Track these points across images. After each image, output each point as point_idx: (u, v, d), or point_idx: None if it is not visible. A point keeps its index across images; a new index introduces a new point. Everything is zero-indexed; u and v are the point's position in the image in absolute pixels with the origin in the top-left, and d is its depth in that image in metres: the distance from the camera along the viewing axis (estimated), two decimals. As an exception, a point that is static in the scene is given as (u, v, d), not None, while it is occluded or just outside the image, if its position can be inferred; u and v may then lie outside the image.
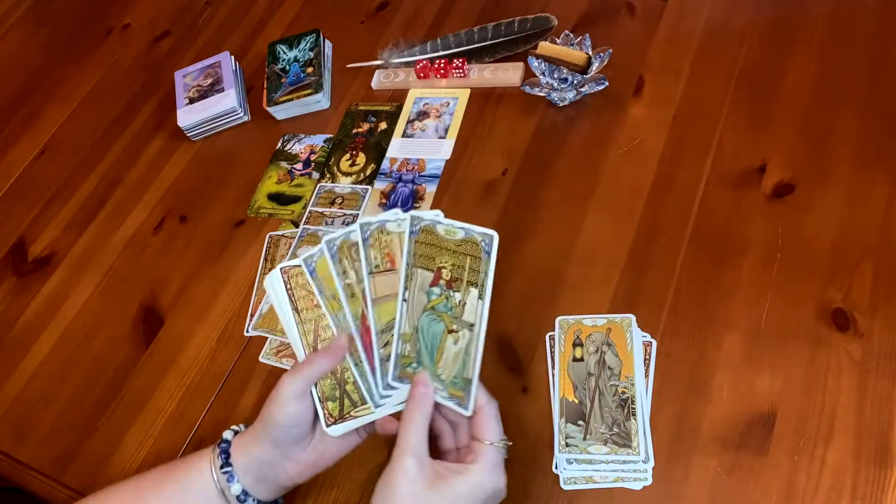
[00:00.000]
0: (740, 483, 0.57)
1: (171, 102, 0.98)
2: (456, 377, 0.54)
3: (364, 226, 0.56)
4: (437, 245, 0.54)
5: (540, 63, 0.79)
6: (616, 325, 0.65)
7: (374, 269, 0.56)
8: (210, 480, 0.57)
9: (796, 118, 0.74)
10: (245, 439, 0.58)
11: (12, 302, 0.88)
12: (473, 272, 0.54)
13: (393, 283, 0.56)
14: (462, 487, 0.52)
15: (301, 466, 0.58)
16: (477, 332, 0.53)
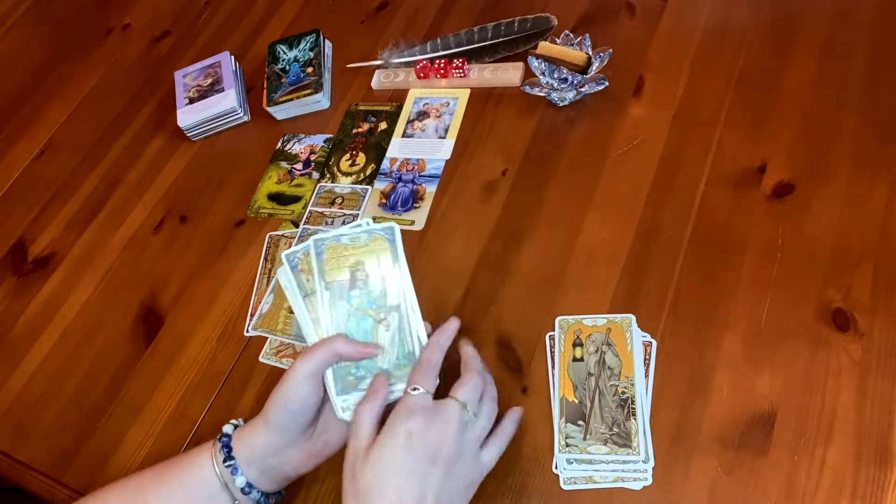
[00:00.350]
0: (740, 483, 0.57)
1: (171, 102, 0.98)
2: (398, 358, 0.57)
3: (318, 241, 0.58)
4: (344, 255, 0.58)
5: (540, 63, 0.79)
6: (616, 325, 0.66)
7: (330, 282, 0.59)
8: (211, 474, 0.57)
9: (796, 118, 0.74)
10: (247, 431, 0.59)
11: (12, 302, 0.88)
12: (386, 262, 0.58)
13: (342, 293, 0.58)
14: (380, 443, 0.53)
15: (304, 456, 0.58)
16: (405, 307, 0.56)
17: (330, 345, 0.57)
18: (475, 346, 0.62)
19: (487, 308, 0.71)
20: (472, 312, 0.71)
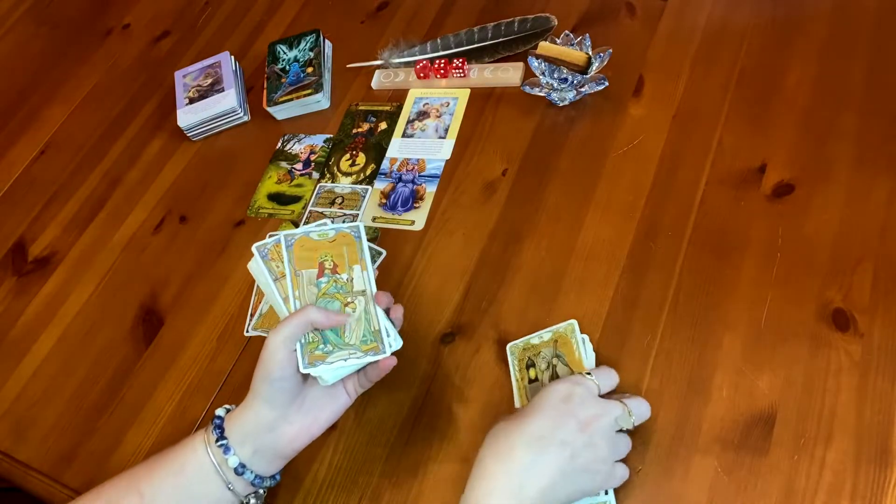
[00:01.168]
0: (740, 483, 0.57)
1: (171, 102, 0.98)
2: (364, 335, 0.61)
3: (288, 235, 0.64)
4: (314, 248, 0.64)
5: (540, 63, 0.79)
6: (561, 334, 0.66)
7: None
8: (205, 457, 0.58)
9: (796, 118, 0.74)
10: (237, 412, 0.60)
11: (12, 302, 0.88)
12: (353, 255, 0.64)
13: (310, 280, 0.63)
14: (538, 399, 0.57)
15: (297, 428, 0.59)
16: (369, 292, 0.62)
17: (302, 313, 0.58)
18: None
19: (487, 308, 0.71)
20: (472, 312, 0.71)
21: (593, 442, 0.55)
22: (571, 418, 0.55)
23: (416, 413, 0.67)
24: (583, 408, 0.56)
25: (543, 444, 0.54)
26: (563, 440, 0.54)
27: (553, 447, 0.54)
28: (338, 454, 0.67)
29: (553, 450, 0.54)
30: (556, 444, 0.54)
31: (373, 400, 0.69)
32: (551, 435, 0.54)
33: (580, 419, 0.55)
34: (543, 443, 0.54)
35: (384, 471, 0.65)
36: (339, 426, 0.68)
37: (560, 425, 0.55)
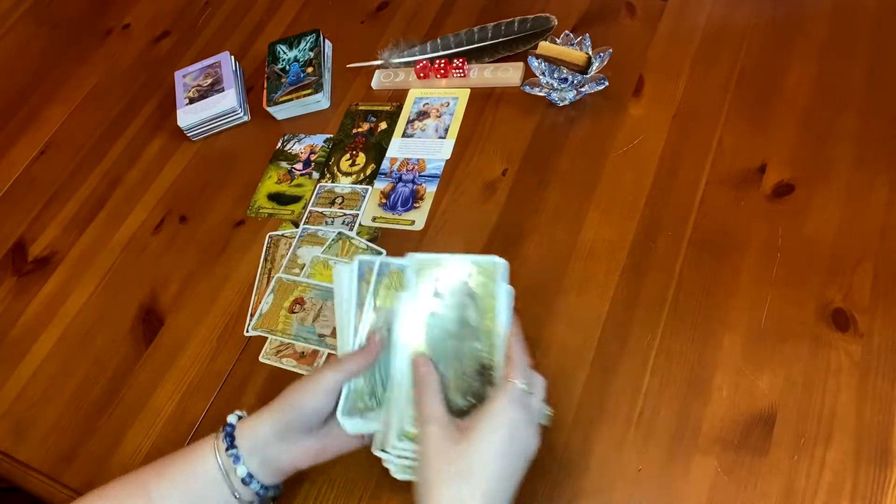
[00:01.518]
0: (740, 483, 0.57)
1: (171, 102, 0.98)
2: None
3: (402, 266, 0.59)
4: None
5: (540, 63, 0.79)
6: (485, 270, 0.57)
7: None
8: (213, 465, 0.57)
9: (796, 118, 0.74)
10: (252, 422, 0.59)
11: (12, 302, 0.88)
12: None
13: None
14: (485, 429, 0.52)
15: (302, 453, 0.59)
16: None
17: (356, 358, 0.58)
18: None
19: (487, 308, 0.71)
20: (472, 312, 0.71)
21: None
22: (521, 457, 0.54)
23: (416, 413, 0.67)
24: (525, 434, 0.54)
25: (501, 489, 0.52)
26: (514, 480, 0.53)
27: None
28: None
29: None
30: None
31: (373, 400, 0.69)
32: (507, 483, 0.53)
33: (523, 450, 0.54)
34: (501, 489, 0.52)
35: (384, 471, 0.65)
36: (339, 426, 0.68)
37: (513, 470, 0.53)
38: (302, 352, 0.73)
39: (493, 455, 0.52)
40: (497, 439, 0.52)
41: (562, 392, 0.65)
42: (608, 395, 0.64)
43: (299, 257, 0.80)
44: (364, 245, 0.79)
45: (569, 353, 0.66)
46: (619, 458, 0.61)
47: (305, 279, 0.78)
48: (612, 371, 0.65)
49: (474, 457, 0.52)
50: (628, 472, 0.60)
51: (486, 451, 0.52)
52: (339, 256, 0.79)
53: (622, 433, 0.62)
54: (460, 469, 0.52)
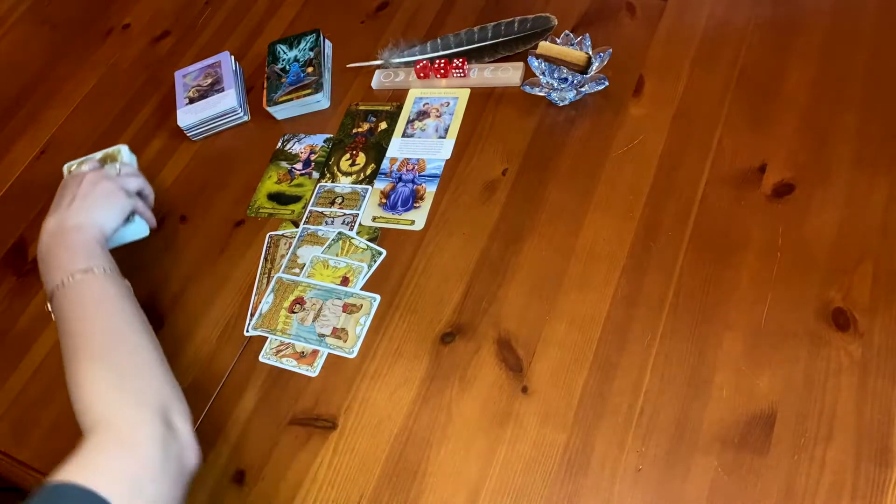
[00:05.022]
0: (740, 483, 0.57)
1: (171, 102, 0.98)
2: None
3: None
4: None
5: (540, 63, 0.79)
6: (110, 154, 0.87)
7: None
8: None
9: (796, 118, 0.74)
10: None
11: (12, 302, 0.88)
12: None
13: None
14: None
15: None
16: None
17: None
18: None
19: (487, 308, 0.71)
20: (472, 312, 0.71)
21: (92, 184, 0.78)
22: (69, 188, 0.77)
23: (415, 413, 0.67)
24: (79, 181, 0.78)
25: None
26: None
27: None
28: (338, 454, 0.67)
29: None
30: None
31: (373, 400, 0.69)
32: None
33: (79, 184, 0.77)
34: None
35: (384, 471, 0.65)
36: (338, 426, 0.68)
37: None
38: (302, 352, 0.73)
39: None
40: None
41: (562, 392, 0.65)
42: (608, 395, 0.64)
43: (299, 257, 0.80)
44: (364, 245, 0.79)
45: (569, 353, 0.66)
46: (619, 458, 0.61)
47: (305, 279, 0.78)
48: (612, 371, 0.65)
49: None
50: (628, 472, 0.60)
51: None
52: (340, 256, 0.79)
53: (622, 433, 0.62)
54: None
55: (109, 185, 0.79)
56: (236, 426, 0.71)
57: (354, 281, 0.76)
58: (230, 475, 0.69)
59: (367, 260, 0.78)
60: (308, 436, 0.69)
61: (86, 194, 0.76)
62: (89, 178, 0.78)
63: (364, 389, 0.70)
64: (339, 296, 0.76)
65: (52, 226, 0.74)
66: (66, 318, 0.66)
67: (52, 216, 0.75)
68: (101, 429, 0.58)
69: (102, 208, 0.76)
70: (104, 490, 0.53)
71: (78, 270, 0.68)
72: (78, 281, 0.67)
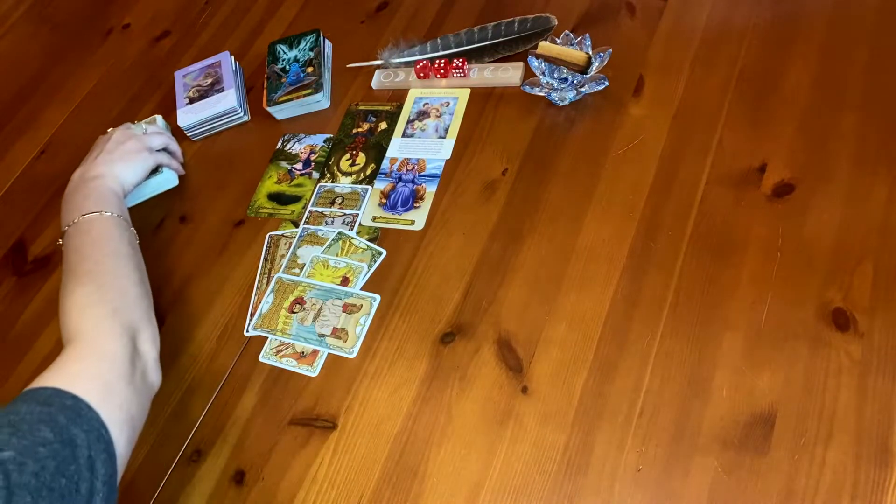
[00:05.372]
0: (740, 483, 0.57)
1: (171, 102, 0.98)
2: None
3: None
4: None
5: (540, 63, 0.79)
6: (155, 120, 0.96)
7: None
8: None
9: (796, 118, 0.74)
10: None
11: (12, 302, 0.88)
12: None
13: None
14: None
15: None
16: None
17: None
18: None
19: (487, 308, 0.71)
20: (472, 312, 0.71)
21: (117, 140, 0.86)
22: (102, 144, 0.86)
23: (415, 413, 0.67)
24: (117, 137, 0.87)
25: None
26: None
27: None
28: (338, 454, 0.67)
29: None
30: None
31: (373, 400, 0.69)
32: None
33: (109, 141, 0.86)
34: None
35: (384, 471, 0.65)
36: (338, 426, 0.68)
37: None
38: (302, 352, 0.73)
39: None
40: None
41: (562, 392, 0.65)
42: (608, 395, 0.64)
43: (299, 257, 0.80)
44: (364, 245, 0.79)
45: (569, 353, 0.66)
46: (619, 458, 0.61)
47: (305, 279, 0.78)
48: (612, 371, 0.65)
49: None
50: (628, 472, 0.60)
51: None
52: (340, 256, 0.79)
53: (622, 433, 0.62)
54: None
55: (134, 142, 0.86)
56: (236, 426, 0.71)
57: (354, 281, 0.76)
58: (230, 475, 0.69)
59: (367, 260, 0.78)
60: (308, 436, 0.69)
61: (111, 150, 0.84)
62: (117, 136, 0.86)
63: (364, 389, 0.70)
64: (339, 296, 0.76)
65: (77, 176, 0.83)
66: (68, 250, 0.73)
67: (80, 168, 0.84)
68: (77, 341, 0.63)
69: (124, 162, 0.84)
70: (80, 391, 0.57)
71: (89, 212, 0.76)
72: (86, 220, 0.75)
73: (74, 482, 0.51)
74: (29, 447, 0.50)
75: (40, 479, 0.49)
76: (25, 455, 0.50)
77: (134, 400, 0.62)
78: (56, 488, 0.50)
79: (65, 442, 0.52)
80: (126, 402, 0.60)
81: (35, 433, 0.51)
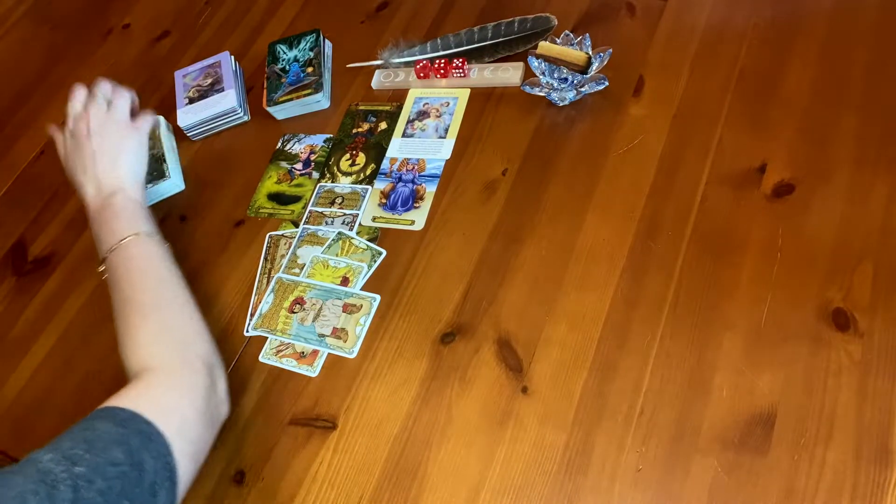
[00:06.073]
0: (740, 483, 0.57)
1: (171, 102, 0.98)
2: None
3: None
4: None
5: (540, 63, 0.79)
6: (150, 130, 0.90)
7: None
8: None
9: (796, 118, 0.74)
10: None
11: (12, 302, 0.88)
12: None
13: None
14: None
15: None
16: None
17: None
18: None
19: (487, 308, 0.71)
20: (472, 312, 0.71)
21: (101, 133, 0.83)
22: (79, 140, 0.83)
23: (415, 413, 0.67)
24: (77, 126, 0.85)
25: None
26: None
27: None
28: (338, 454, 0.67)
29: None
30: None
31: (373, 400, 0.69)
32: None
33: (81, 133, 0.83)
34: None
35: (384, 471, 0.65)
36: (338, 426, 0.68)
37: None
38: (302, 352, 0.73)
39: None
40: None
41: (562, 392, 0.65)
42: (608, 395, 0.64)
43: (299, 257, 0.80)
44: (364, 245, 0.79)
45: (569, 353, 0.66)
46: (619, 458, 0.61)
47: (305, 279, 0.78)
48: (612, 371, 0.65)
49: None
50: (628, 472, 0.60)
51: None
52: (340, 256, 0.79)
53: (622, 433, 0.62)
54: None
55: (113, 126, 0.84)
56: (236, 426, 0.71)
57: (354, 281, 0.76)
58: (230, 475, 0.69)
59: (367, 260, 0.78)
60: (308, 436, 0.69)
61: (102, 147, 0.81)
62: (93, 126, 0.83)
63: (364, 389, 0.70)
64: (339, 296, 0.76)
65: (93, 194, 0.80)
66: (116, 280, 0.73)
67: (88, 181, 0.81)
68: (149, 372, 0.63)
69: (127, 155, 0.82)
70: (158, 419, 0.58)
71: (123, 236, 0.74)
72: (124, 246, 0.74)
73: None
74: (100, 465, 0.52)
75: (105, 498, 0.51)
76: (96, 473, 0.52)
77: (205, 434, 0.63)
78: None
79: (134, 465, 0.54)
80: (198, 437, 0.62)
81: (108, 452, 0.53)
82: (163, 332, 0.68)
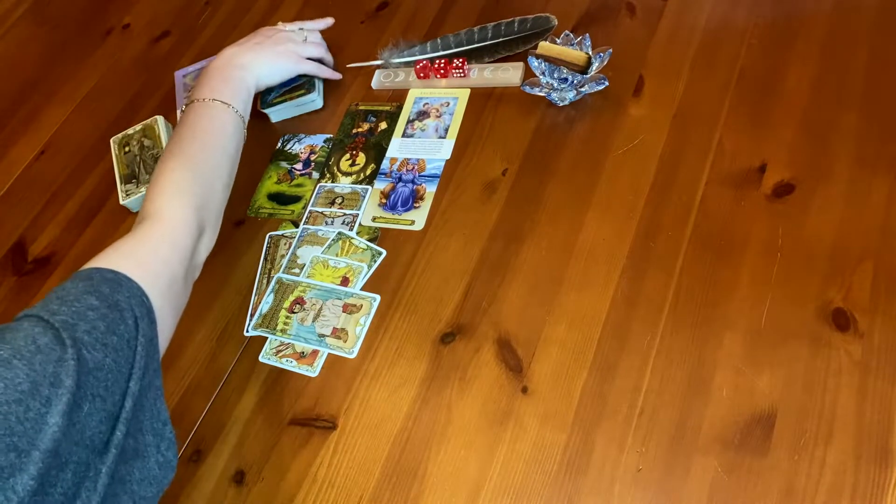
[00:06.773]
0: (740, 483, 0.57)
1: (171, 102, 0.98)
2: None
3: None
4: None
5: (540, 63, 0.79)
6: (148, 125, 0.92)
7: None
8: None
9: (796, 118, 0.74)
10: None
11: (12, 302, 0.88)
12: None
13: None
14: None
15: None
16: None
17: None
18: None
19: (487, 308, 0.71)
20: (472, 312, 0.71)
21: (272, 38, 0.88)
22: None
23: (415, 413, 0.67)
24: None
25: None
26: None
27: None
28: (338, 454, 0.67)
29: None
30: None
31: (373, 400, 0.69)
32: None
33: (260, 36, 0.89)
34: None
35: (384, 471, 0.65)
36: (338, 426, 0.68)
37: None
38: (302, 352, 0.74)
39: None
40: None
41: (562, 392, 0.65)
42: (608, 395, 0.64)
43: (299, 257, 0.80)
44: (364, 245, 0.79)
45: (569, 353, 0.66)
46: (619, 458, 0.61)
47: (305, 279, 0.78)
48: (612, 371, 0.65)
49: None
50: (628, 472, 0.60)
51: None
52: (340, 256, 0.79)
53: (622, 433, 0.62)
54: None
55: (290, 47, 0.90)
56: (236, 426, 0.71)
57: (354, 281, 0.76)
58: (230, 475, 0.69)
59: (367, 260, 0.78)
60: (308, 436, 0.69)
61: (264, 45, 0.88)
62: (281, 35, 0.90)
63: (364, 389, 0.70)
64: (339, 296, 0.76)
65: (228, 54, 0.85)
66: (185, 122, 0.77)
67: (235, 46, 0.87)
68: (154, 220, 0.67)
69: (270, 61, 0.88)
70: (123, 268, 0.59)
71: (221, 98, 0.79)
72: (213, 105, 0.78)
73: (125, 340, 0.54)
74: (79, 311, 0.53)
75: (93, 336, 0.52)
76: (77, 317, 0.53)
77: (182, 293, 0.66)
78: (109, 344, 0.53)
79: (111, 306, 0.55)
80: (168, 279, 0.63)
81: (81, 301, 0.54)
82: (183, 187, 0.70)
